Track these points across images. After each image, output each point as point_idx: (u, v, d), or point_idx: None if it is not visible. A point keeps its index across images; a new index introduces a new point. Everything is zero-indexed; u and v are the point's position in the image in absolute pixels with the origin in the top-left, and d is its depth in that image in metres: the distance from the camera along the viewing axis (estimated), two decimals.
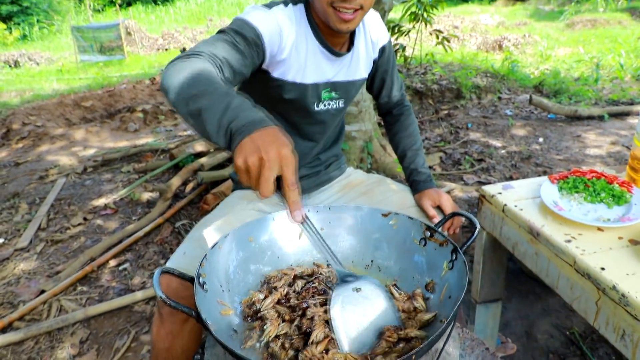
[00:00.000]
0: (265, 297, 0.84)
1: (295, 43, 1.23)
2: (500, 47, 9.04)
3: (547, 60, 7.54)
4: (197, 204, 3.02)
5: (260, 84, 1.29)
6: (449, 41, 5.57)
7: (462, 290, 0.73)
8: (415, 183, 1.50)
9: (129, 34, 12.32)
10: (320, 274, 0.89)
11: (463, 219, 1.47)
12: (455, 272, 0.83)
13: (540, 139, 4.05)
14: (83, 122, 5.90)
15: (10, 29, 16.49)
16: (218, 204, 2.94)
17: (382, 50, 1.45)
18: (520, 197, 1.40)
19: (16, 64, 11.26)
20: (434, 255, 0.90)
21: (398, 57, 5.50)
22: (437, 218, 1.40)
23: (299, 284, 0.87)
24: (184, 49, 5.62)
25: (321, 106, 1.36)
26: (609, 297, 0.95)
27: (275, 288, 0.86)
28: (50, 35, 16.66)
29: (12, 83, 8.76)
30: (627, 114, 4.64)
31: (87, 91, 7.10)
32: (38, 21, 17.64)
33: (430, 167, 3.42)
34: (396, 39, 5.47)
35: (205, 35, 14.97)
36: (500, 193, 1.44)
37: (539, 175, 3.33)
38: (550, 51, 8.12)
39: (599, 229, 1.16)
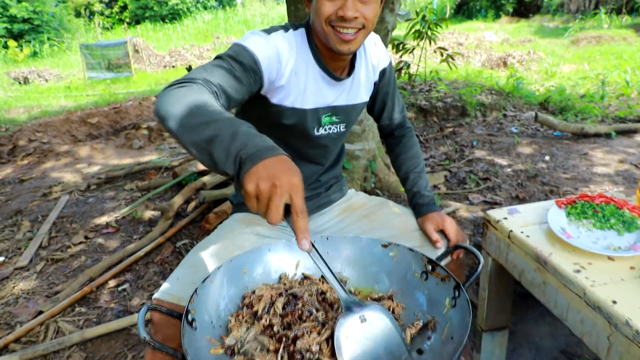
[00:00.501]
0: (247, 328, 0.80)
1: (294, 69, 1.20)
2: (504, 64, 9.05)
3: (552, 77, 7.52)
4: (199, 222, 2.99)
5: (259, 110, 1.27)
6: (453, 59, 5.58)
7: (466, 330, 0.69)
8: (418, 206, 1.46)
9: (136, 51, 12.48)
10: (305, 292, 0.85)
11: (468, 241, 1.44)
12: (458, 311, 0.79)
13: (547, 157, 4.00)
14: (89, 138, 5.93)
15: (22, 46, 16.78)
16: (220, 222, 2.92)
17: (383, 72, 1.43)
18: (527, 222, 1.36)
19: (26, 81, 11.41)
20: (436, 291, 0.86)
21: (402, 75, 5.51)
22: (441, 243, 1.37)
23: (280, 303, 0.82)
24: (190, 67, 5.67)
25: (322, 131, 1.34)
26: (622, 333, 0.90)
27: (256, 314, 0.81)
28: (60, 53, 16.93)
29: (21, 99, 8.87)
30: (634, 131, 4.59)
31: (93, 108, 7.16)
32: (48, 39, 17.96)
33: (435, 186, 3.38)
34: (400, 56, 5.48)
35: (212, 53, 15.13)
36: (505, 218, 1.39)
37: (546, 195, 3.30)
38: (555, 68, 8.11)
39: (610, 258, 1.12)
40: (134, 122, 6.11)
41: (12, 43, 16.13)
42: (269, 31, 1.19)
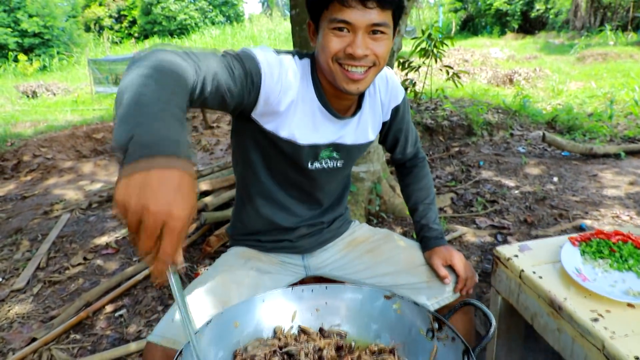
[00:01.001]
0: None
1: (295, 100, 1.13)
2: (511, 81, 9.01)
3: (559, 95, 7.47)
4: (199, 245, 2.93)
5: (250, 132, 1.19)
6: (459, 77, 5.54)
7: None
8: (426, 239, 1.40)
9: None
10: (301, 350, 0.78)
11: (476, 277, 1.37)
12: None
13: (555, 179, 3.92)
14: (93, 154, 5.92)
15: (31, 60, 16.98)
16: (223, 245, 2.87)
17: (396, 110, 1.34)
18: (539, 260, 1.29)
19: (34, 95, 11.50)
20: (443, 353, 0.79)
21: (408, 92, 5.47)
22: (449, 279, 1.30)
23: None
24: None
25: (316, 164, 1.26)
26: None
27: None
28: (69, 67, 17.11)
29: (28, 114, 8.91)
30: None
31: (99, 123, 7.16)
32: (58, 53, 18.18)
33: (441, 209, 3.31)
34: (406, 74, 5.45)
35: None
36: (516, 256, 1.33)
37: (555, 219, 3.22)
38: (561, 86, 8.06)
39: (630, 305, 1.05)
40: None
41: (22, 57, 16.33)
42: (279, 53, 1.11)
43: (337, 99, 1.17)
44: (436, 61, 5.58)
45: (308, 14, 1.09)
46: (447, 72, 5.52)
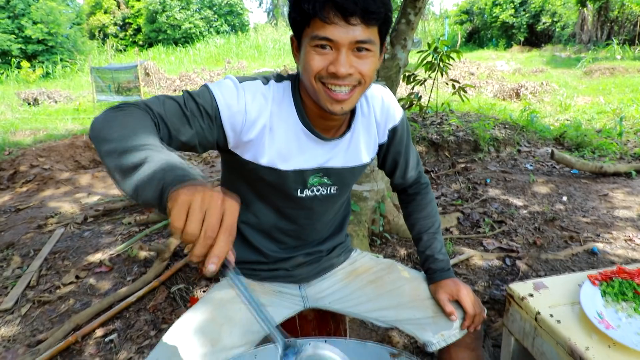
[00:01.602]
0: None
1: (268, 125, 1.06)
2: (517, 95, 8.92)
3: (566, 110, 7.36)
4: (196, 265, 2.82)
5: (236, 163, 1.12)
6: (465, 91, 5.45)
7: None
8: (431, 271, 1.30)
9: (147, 74, 12.56)
10: None
11: (485, 313, 1.26)
12: None
13: (564, 198, 3.81)
14: (92, 164, 5.85)
15: (34, 67, 17.03)
16: (222, 265, 2.76)
17: (393, 131, 1.25)
18: (556, 301, 1.19)
19: (35, 102, 11.49)
20: None
21: (414, 106, 5.38)
22: (455, 315, 1.21)
23: None
24: None
25: (307, 192, 1.18)
26: None
27: None
28: (72, 74, 17.16)
29: (28, 122, 8.87)
30: None
31: None
32: (61, 60, 18.25)
33: (447, 229, 3.20)
34: (412, 88, 5.37)
35: (223, 77, 15.22)
36: (531, 295, 1.22)
37: (565, 242, 3.09)
38: (569, 100, 7.96)
39: None
40: None
41: (25, 64, 16.38)
42: (244, 79, 1.06)
43: (323, 119, 1.09)
44: (442, 75, 5.50)
45: (291, 30, 1.03)
46: (454, 86, 5.42)
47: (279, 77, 1.11)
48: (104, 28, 28.13)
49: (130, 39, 28.59)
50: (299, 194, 1.16)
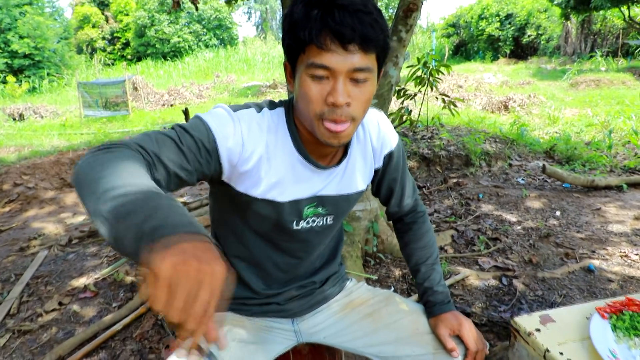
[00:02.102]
0: None
1: (265, 155, 1.00)
2: (506, 107, 8.98)
3: (555, 123, 7.41)
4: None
5: (228, 195, 1.06)
6: (455, 105, 5.44)
7: None
8: (430, 304, 1.24)
9: (135, 89, 12.46)
10: None
11: (487, 348, 1.20)
12: None
13: (557, 213, 3.78)
14: None
15: (21, 81, 16.84)
16: None
17: (389, 157, 1.20)
18: (565, 337, 1.12)
19: (21, 117, 11.33)
20: None
21: (404, 121, 5.36)
22: (457, 352, 1.15)
23: None
24: (187, 110, 5.53)
25: (303, 224, 1.11)
26: None
27: None
28: (59, 89, 16.99)
29: (13, 138, 8.71)
30: None
31: (86, 148, 6.99)
32: (48, 74, 18.08)
33: (441, 248, 3.14)
34: (402, 102, 5.35)
35: (212, 91, 15.16)
36: (538, 330, 1.16)
37: (561, 259, 3.05)
38: (557, 113, 8.02)
39: None
40: None
41: (10, 79, 16.19)
42: (237, 108, 1.00)
43: (319, 146, 1.04)
44: (432, 89, 5.49)
45: (285, 55, 0.97)
46: (444, 100, 5.42)
47: (272, 104, 1.06)
48: (92, 42, 28.00)
49: (119, 53, 28.49)
50: (294, 226, 1.10)
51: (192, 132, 0.90)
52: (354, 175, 1.14)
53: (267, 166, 1.01)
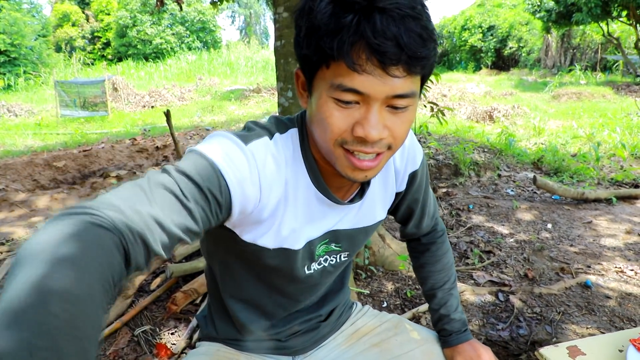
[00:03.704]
0: None
1: (283, 197, 0.81)
2: (490, 117, 9.01)
3: (540, 134, 7.44)
4: (164, 302, 2.55)
5: (227, 241, 0.87)
6: (444, 114, 5.37)
7: None
8: (446, 333, 1.11)
9: (115, 89, 12.14)
10: None
11: None
12: None
13: (549, 225, 3.72)
14: (53, 183, 5.47)
15: None
16: (191, 303, 2.50)
17: (412, 177, 1.00)
18: None
19: None
20: None
21: None
22: None
23: None
24: (168, 112, 5.32)
25: (314, 266, 0.95)
26: None
27: None
28: (36, 87, 16.52)
29: None
30: (635, 197, 4.38)
31: (62, 149, 6.72)
32: (25, 72, 17.58)
33: None
34: None
35: (194, 94, 14.86)
36: None
37: (557, 273, 2.96)
38: (542, 123, 8.07)
39: None
40: (104, 167, 5.69)
41: None
42: (248, 139, 0.76)
43: (337, 177, 0.84)
44: (420, 98, 5.42)
45: (297, 61, 0.75)
46: (432, 109, 5.34)
47: (282, 126, 0.84)
48: (71, 41, 27.40)
49: (99, 53, 27.95)
50: (306, 271, 0.93)
51: (198, 180, 0.66)
52: (373, 206, 0.97)
53: (283, 209, 0.82)
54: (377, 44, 0.62)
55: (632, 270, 2.96)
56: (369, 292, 2.65)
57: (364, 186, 0.92)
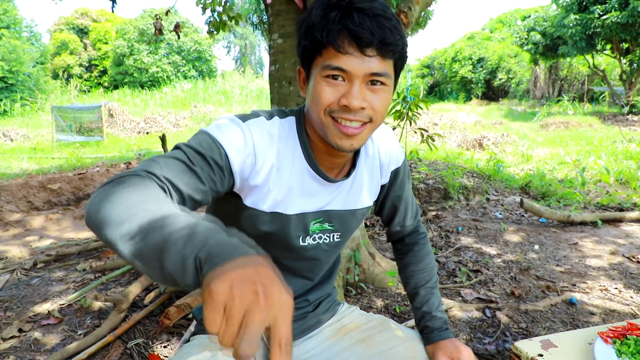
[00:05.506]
0: None
1: (275, 165, 0.96)
2: (480, 145, 9.20)
3: (528, 161, 7.60)
4: (157, 316, 2.59)
5: (230, 208, 1.00)
6: (433, 140, 5.51)
7: None
8: (428, 330, 1.19)
9: (111, 115, 12.28)
10: None
11: None
12: None
13: (536, 247, 3.80)
14: (47, 205, 5.50)
15: None
16: (184, 317, 2.54)
17: (395, 173, 1.17)
18: None
19: None
20: None
21: None
22: None
23: None
24: (164, 136, 5.42)
25: (309, 240, 1.06)
26: None
27: None
28: (32, 113, 16.63)
29: None
30: (619, 220, 4.49)
31: (57, 172, 6.77)
32: (21, 98, 17.71)
33: None
34: None
35: (189, 121, 15.07)
36: (541, 355, 1.11)
37: (542, 291, 3.04)
38: (530, 151, 8.25)
39: None
40: None
41: None
42: (246, 117, 0.95)
43: (329, 156, 1.00)
44: (411, 124, 5.56)
45: (299, 60, 0.95)
46: (422, 135, 5.48)
47: (282, 113, 1.01)
48: (68, 68, 27.73)
49: (95, 80, 28.25)
50: (300, 242, 1.05)
51: (201, 150, 0.85)
52: (360, 190, 1.11)
53: (276, 177, 0.97)
54: (356, 31, 0.82)
55: (616, 288, 3.04)
56: (359, 308, 2.70)
57: (351, 171, 1.06)
